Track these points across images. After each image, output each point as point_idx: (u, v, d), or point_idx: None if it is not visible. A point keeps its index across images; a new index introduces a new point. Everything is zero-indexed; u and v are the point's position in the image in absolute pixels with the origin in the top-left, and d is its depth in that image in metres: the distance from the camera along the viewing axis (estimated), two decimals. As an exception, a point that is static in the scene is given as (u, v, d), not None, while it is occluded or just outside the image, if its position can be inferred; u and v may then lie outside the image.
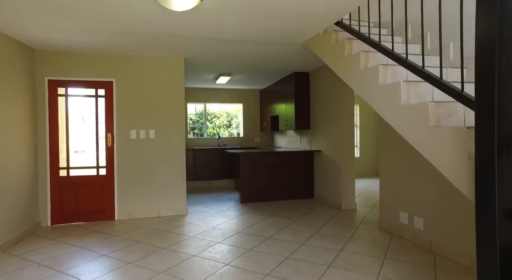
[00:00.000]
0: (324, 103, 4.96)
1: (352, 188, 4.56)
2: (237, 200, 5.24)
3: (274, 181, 5.18)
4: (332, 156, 4.73)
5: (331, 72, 4.71)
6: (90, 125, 4.08)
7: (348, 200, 4.52)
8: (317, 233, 3.45)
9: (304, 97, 5.49)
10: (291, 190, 5.25)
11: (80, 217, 3.96)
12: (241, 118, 7.68)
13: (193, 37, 3.43)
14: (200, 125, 7.63)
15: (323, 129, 5.03)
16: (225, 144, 7.41)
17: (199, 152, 6.72)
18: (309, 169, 5.36)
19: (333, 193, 4.70)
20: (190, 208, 4.66)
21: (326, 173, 4.92)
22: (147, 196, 4.21)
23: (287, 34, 3.35)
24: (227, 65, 4.91)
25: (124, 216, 4.12)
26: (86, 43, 3.59)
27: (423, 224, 2.94)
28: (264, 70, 5.32)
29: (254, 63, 4.81)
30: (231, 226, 3.76)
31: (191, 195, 5.68)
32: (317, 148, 5.25)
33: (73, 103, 4.09)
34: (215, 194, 5.83)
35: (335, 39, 2.95)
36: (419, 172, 3.01)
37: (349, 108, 4.53)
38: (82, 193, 3.98)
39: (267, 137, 7.73)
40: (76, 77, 3.95)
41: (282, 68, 5.16)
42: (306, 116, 5.49)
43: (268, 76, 5.85)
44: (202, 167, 6.72)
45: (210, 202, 5.13)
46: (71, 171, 4.00)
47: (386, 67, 2.26)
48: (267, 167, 5.15)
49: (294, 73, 5.44)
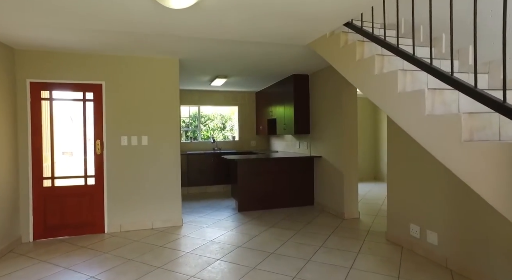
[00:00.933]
0: (325, 106, 4.77)
1: (355, 196, 4.38)
2: (234, 208, 5.00)
3: (273, 188, 4.96)
4: (334, 162, 4.54)
5: (332, 75, 4.54)
6: (78, 131, 3.79)
7: (351, 209, 4.33)
8: (322, 246, 3.24)
9: (304, 100, 5.29)
10: (290, 197, 5.05)
11: (66, 231, 3.67)
12: (236, 121, 7.44)
13: (189, 38, 3.19)
14: (194, 128, 7.36)
15: (324, 133, 4.84)
16: (220, 148, 7.17)
17: (193, 157, 6.46)
18: (309, 176, 5.17)
19: (335, 201, 4.51)
20: (185, 218, 4.40)
21: (328, 180, 4.73)
22: (140, 207, 3.93)
23: (291, 35, 3.14)
24: (223, 67, 4.68)
25: (115, 229, 3.84)
26: (72, 42, 3.31)
27: (437, 238, 2.77)
28: (262, 72, 5.10)
29: (252, 65, 4.58)
30: (230, 239, 3.53)
31: (186, 203, 5.42)
32: (317, 153, 5.06)
33: (59, 108, 3.79)
34: (210, 201, 5.58)
35: (344, 41, 2.75)
36: (433, 182, 2.84)
37: (351, 112, 4.35)
38: (68, 204, 3.69)
39: (263, 141, 7.51)
40: (61, 80, 3.66)
41: (281, 70, 4.95)
42: (306, 120, 5.29)
43: (266, 78, 5.64)
44: (196, 172, 6.46)
45: (206, 211, 4.88)
46: (57, 181, 3.70)
47: (405, 73, 2.07)
48: (266, 173, 4.93)
49: (293, 75, 5.24)
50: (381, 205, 5.03)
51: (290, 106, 5.37)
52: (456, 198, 2.62)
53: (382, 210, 4.72)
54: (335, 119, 4.50)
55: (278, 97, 5.89)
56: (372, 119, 7.75)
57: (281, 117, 5.76)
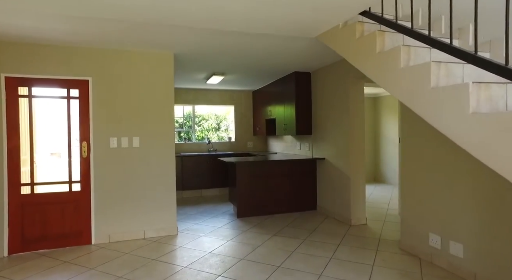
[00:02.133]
0: (329, 105, 4.50)
1: (362, 201, 4.11)
2: (232, 214, 4.69)
3: (274, 192, 4.67)
4: (340, 165, 4.27)
5: (336, 72, 4.27)
6: (61, 132, 3.42)
7: (358, 215, 4.07)
8: (333, 258, 2.96)
9: (306, 99, 5.01)
10: (292, 202, 4.76)
11: (47, 243, 3.29)
12: (232, 121, 7.12)
13: (187, 28, 2.87)
14: (188, 128, 7.02)
15: (327, 134, 4.57)
16: (216, 149, 6.84)
17: (187, 159, 6.11)
18: (312, 179, 4.89)
19: (341, 206, 4.24)
20: (181, 226, 4.07)
21: (332, 183, 4.45)
22: (131, 215, 3.59)
23: (299, 26, 2.85)
24: (221, 63, 4.36)
25: (103, 239, 3.48)
26: (53, 32, 2.95)
27: (462, 250, 2.51)
28: (261, 69, 4.80)
29: (252, 61, 4.28)
30: (231, 251, 3.21)
31: (180, 208, 5.08)
32: (320, 155, 4.78)
33: (40, 106, 3.42)
34: (206, 206, 5.25)
35: (361, 32, 2.48)
36: (459, 187, 2.58)
37: (359, 111, 4.08)
38: (50, 213, 3.32)
39: (260, 142, 7.21)
40: (42, 75, 3.29)
41: (282, 67, 4.66)
42: (308, 120, 5.02)
43: (265, 76, 5.34)
44: (191, 175, 6.13)
45: (202, 217, 4.55)
46: (37, 188, 3.33)
47: (439, 65, 1.80)
48: (266, 177, 4.63)
49: (294, 73, 4.96)
50: (387, 209, 4.79)
51: (291, 105, 5.08)
52: (486, 204, 2.37)
53: (389, 215, 4.48)
54: (340, 119, 4.23)
55: (278, 96, 5.60)
56: (372, 119, 7.53)
57: (281, 117, 5.48)
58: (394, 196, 5.77)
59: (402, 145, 3.23)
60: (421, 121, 2.92)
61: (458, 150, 2.55)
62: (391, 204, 5.16)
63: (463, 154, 2.50)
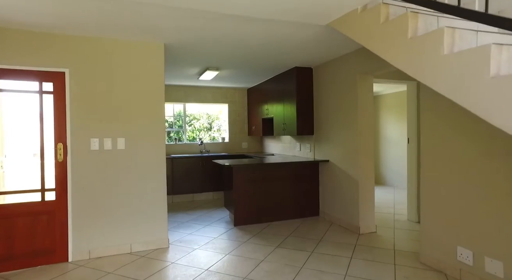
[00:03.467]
0: (334, 104, 4.16)
1: (371, 208, 3.78)
2: (228, 222, 4.29)
3: (273, 197, 4.29)
4: (346, 168, 3.93)
5: (340, 67, 3.93)
6: (33, 132, 2.95)
7: (367, 222, 3.73)
8: (347, 275, 2.60)
9: (307, 96, 4.66)
10: (293, 208, 4.39)
11: (14, 262, 2.81)
12: (226, 121, 6.71)
13: (181, 11, 2.46)
14: (178, 128, 6.58)
15: (332, 134, 4.22)
16: (208, 150, 6.42)
17: (178, 161, 5.67)
18: (314, 183, 4.54)
19: (348, 212, 3.90)
20: (172, 236, 3.64)
21: (338, 188, 4.11)
22: (115, 226, 3.14)
23: (310, 11, 2.48)
24: (216, 55, 3.95)
25: (82, 256, 3.03)
26: (21, 13, 2.49)
27: (502, 269, 2.19)
28: (259, 63, 4.41)
29: (250, 54, 3.89)
30: (231, 267, 2.82)
31: (171, 214, 4.64)
32: (323, 157, 4.44)
33: (7, 102, 2.95)
34: (200, 213, 4.83)
35: (386, 15, 2.13)
36: (496, 194, 2.26)
37: (368, 109, 3.75)
38: (18, 227, 2.84)
39: (256, 143, 6.83)
40: (9, 65, 2.81)
41: (282, 61, 4.29)
42: (310, 120, 4.66)
43: (262, 71, 4.96)
44: (182, 178, 5.69)
45: (196, 226, 4.13)
46: (2, 198, 2.85)
47: (501, 48, 1.46)
48: (265, 181, 4.25)
49: (295, 68, 4.59)
50: (394, 214, 4.48)
51: (291, 104, 4.72)
52: (528, 218, 2.05)
53: (398, 221, 4.16)
54: (347, 118, 3.88)
55: (276, 93, 5.23)
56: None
57: (280, 116, 5.11)
58: (398, 199, 5.49)
59: (423, 145, 2.90)
60: (448, 118, 2.60)
61: (495, 150, 2.22)
62: (397, 208, 4.86)
63: (501, 154, 2.18)
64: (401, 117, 6.45)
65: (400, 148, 6.45)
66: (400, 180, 6.47)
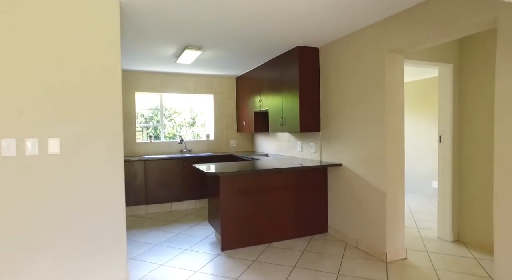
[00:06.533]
0: (349, 92, 3.26)
1: (401, 227, 2.92)
2: (214, 243, 3.34)
3: (271, 211, 3.37)
4: (366, 175, 3.05)
5: (358, 45, 3.02)
6: None
7: (396, 246, 2.87)
8: None
9: (312, 84, 3.74)
10: (296, 223, 3.49)
11: None
12: (211, 115, 5.72)
13: None
14: (156, 123, 5.55)
15: (346, 132, 3.33)
16: (190, 150, 5.42)
17: (153, 164, 4.66)
18: (321, 192, 3.65)
19: (369, 232, 3.03)
20: (136, 271, 2.67)
21: (354, 200, 3.23)
22: (42, 270, 2.13)
23: None
24: (196, 27, 2.96)
25: (-7, 315, 2.01)
26: None
27: None
28: (251, 41, 3.45)
29: (240, 28, 2.92)
30: None
31: (141, 232, 3.65)
32: (333, 159, 3.54)
33: None
34: (179, 228, 3.86)
35: None
36: None
37: (397, 100, 2.87)
38: None
39: (246, 140, 5.88)
40: None
41: (279, 37, 3.34)
42: (315, 113, 3.75)
43: (255, 53, 3.99)
44: (157, 184, 4.69)
45: (172, 250, 3.17)
46: None
47: None
48: (260, 191, 3.32)
49: (298, 48, 3.65)
50: (418, 229, 3.65)
51: (292, 93, 3.78)
52: None
53: (427, 239, 3.32)
54: (370, 110, 2.99)
55: (273, 81, 4.28)
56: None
57: (277, 108, 4.17)
58: (415, 207, 4.69)
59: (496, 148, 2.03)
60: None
61: None
62: (418, 219, 4.04)
63: None
64: (417, 110, 5.65)
65: (414, 146, 5.65)
66: (414, 184, 5.69)
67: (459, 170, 3.27)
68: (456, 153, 3.26)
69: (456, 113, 3.25)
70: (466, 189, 3.23)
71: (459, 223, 3.28)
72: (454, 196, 3.27)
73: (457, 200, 3.29)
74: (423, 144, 5.55)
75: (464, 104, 3.22)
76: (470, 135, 3.17)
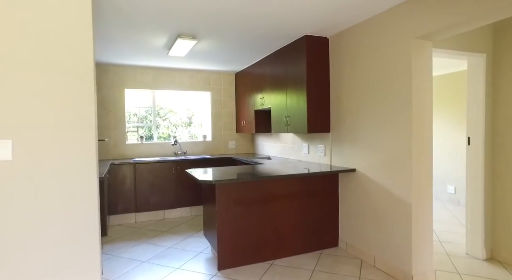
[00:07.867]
0: (366, 87, 2.83)
1: (430, 244, 2.48)
2: (210, 260, 2.91)
3: (274, 224, 2.94)
4: (386, 182, 2.62)
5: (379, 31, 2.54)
6: None
7: (423, 266, 2.44)
8: None
9: (321, 79, 3.31)
10: (303, 237, 3.06)
11: None
12: (208, 114, 5.29)
13: None
14: (149, 123, 5.11)
15: (361, 132, 2.90)
16: (185, 152, 4.99)
17: (144, 168, 4.23)
18: (332, 201, 3.21)
19: (390, 250, 2.59)
20: (115, 300, 2.23)
21: (372, 211, 2.80)
22: (-6, 304, 1.70)
23: None
24: (188, 9, 2.52)
25: None
26: None
27: None
28: (250, 29, 3.02)
29: (238, 10, 2.49)
30: None
31: (128, 245, 3.21)
32: (346, 164, 3.11)
33: None
34: (171, 241, 3.42)
35: None
36: None
37: (426, 95, 2.44)
38: None
39: (247, 142, 5.45)
40: None
41: (283, 23, 2.91)
42: (325, 112, 3.32)
43: (255, 45, 3.56)
44: (149, 191, 4.26)
45: (162, 269, 2.73)
46: None
47: None
48: (262, 201, 2.89)
49: (305, 37, 3.22)
50: (441, 242, 3.22)
51: (297, 90, 3.35)
52: None
53: (454, 256, 2.89)
54: (392, 107, 2.56)
55: (276, 76, 3.84)
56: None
57: (281, 107, 3.74)
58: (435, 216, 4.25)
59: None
60: None
61: None
62: (441, 232, 3.61)
63: None
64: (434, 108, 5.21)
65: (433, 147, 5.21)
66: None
67: (492, 177, 2.84)
68: (488, 158, 2.83)
69: (489, 111, 2.83)
70: (501, 200, 2.80)
71: (493, 239, 2.85)
72: (486, 207, 2.84)
73: (490, 213, 2.86)
74: (439, 146, 5.12)
75: (498, 101, 2.80)
76: (505, 138, 2.74)
